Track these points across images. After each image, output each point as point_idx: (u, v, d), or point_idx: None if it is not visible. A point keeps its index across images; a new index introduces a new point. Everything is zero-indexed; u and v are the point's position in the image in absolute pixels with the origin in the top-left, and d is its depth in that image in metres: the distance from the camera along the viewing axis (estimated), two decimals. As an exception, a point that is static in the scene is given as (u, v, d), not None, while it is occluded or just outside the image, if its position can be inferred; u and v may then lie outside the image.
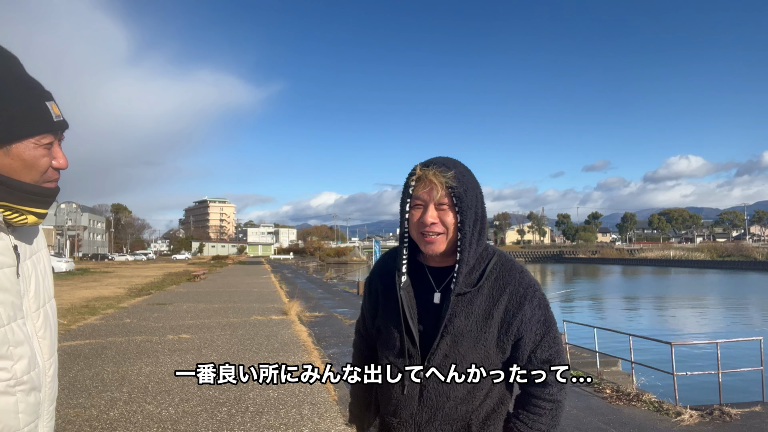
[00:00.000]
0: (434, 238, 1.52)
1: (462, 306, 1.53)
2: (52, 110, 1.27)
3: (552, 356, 1.57)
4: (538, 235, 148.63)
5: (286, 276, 38.92)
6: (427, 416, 1.54)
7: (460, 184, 1.50)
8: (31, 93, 1.24)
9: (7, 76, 1.21)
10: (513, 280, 1.57)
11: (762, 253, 78.45)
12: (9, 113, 1.19)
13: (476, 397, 1.55)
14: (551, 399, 1.57)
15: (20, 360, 1.28)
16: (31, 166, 1.24)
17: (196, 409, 5.64)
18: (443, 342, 1.52)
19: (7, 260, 1.27)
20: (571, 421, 6.21)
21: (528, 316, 1.55)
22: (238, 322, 12.59)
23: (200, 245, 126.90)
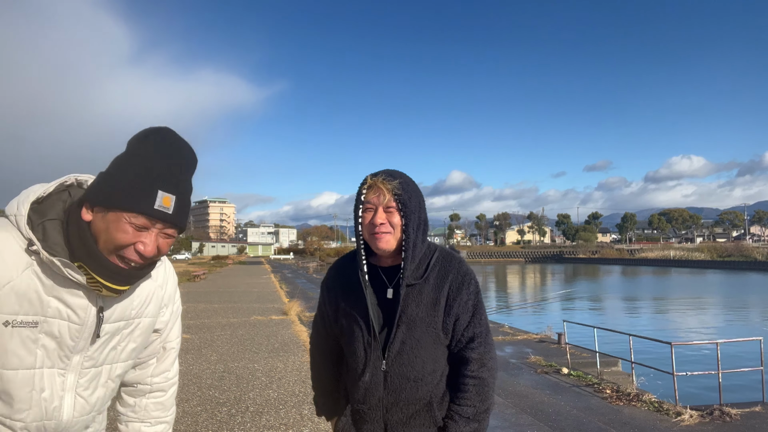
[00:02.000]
0: (383, 236, 1.72)
1: (413, 296, 1.74)
2: (161, 201, 1.29)
3: (475, 334, 1.76)
4: (538, 235, 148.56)
5: (286, 276, 38.93)
6: (392, 399, 1.74)
7: (404, 192, 1.73)
8: (151, 177, 1.29)
9: (146, 162, 1.30)
10: (453, 269, 1.79)
11: (762, 254, 78.41)
12: (121, 184, 1.28)
13: (434, 377, 1.77)
14: (473, 375, 1.74)
15: (36, 406, 1.32)
16: (111, 236, 1.28)
17: (196, 409, 5.64)
18: (399, 330, 1.73)
19: (74, 317, 1.33)
20: (571, 421, 6.21)
21: (464, 300, 1.76)
22: (238, 322, 12.60)
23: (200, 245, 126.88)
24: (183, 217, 1.36)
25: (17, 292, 1.27)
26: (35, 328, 1.29)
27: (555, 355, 10.56)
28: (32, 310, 1.29)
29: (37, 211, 1.33)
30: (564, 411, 6.63)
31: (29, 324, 1.29)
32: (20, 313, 1.28)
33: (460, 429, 1.72)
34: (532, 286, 49.65)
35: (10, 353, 1.28)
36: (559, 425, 6.04)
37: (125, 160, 1.31)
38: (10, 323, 1.26)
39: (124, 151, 1.34)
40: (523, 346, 11.67)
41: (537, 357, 10.15)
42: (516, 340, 12.35)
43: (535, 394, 7.46)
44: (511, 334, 13.15)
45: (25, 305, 1.28)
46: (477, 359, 1.75)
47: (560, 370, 9.02)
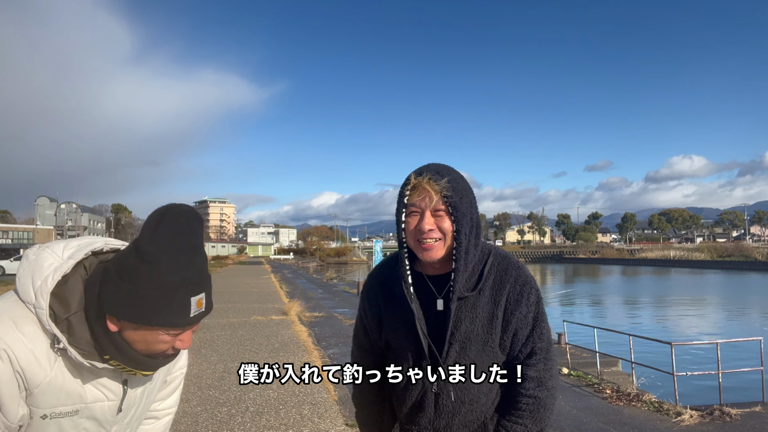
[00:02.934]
0: (432, 245, 1.51)
1: (466, 311, 1.54)
2: (195, 305, 1.25)
3: (535, 350, 1.57)
4: (538, 236, 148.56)
5: (286, 276, 38.92)
6: (444, 422, 1.57)
7: (455, 193, 1.50)
8: (179, 289, 1.22)
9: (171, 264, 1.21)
10: (510, 278, 1.58)
11: (762, 254, 78.36)
12: (151, 301, 1.20)
13: (489, 398, 1.59)
14: (529, 395, 1.54)
15: None
16: (150, 347, 1.27)
17: (196, 410, 5.64)
18: (452, 349, 1.54)
19: (111, 395, 1.34)
20: (571, 421, 6.21)
21: (524, 313, 1.56)
22: (238, 322, 12.60)
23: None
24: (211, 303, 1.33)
25: (54, 387, 1.25)
26: (75, 416, 1.30)
27: (555, 355, 10.56)
28: (71, 401, 1.28)
29: (59, 299, 1.25)
30: (564, 411, 6.63)
31: (69, 414, 1.28)
32: (59, 406, 1.27)
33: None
34: (532, 286, 49.57)
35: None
36: (559, 425, 6.03)
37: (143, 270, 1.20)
38: (48, 416, 1.26)
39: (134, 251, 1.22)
40: (523, 346, 11.67)
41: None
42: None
43: (535, 394, 7.47)
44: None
45: (63, 398, 1.27)
46: (535, 378, 1.56)
47: (560, 370, 9.02)
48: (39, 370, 1.22)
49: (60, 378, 1.25)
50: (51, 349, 1.24)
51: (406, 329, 1.58)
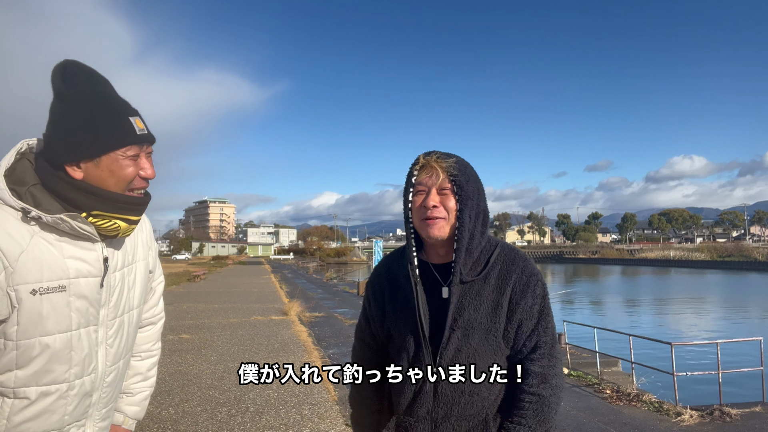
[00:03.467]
0: (435, 222, 1.51)
1: (470, 298, 1.52)
2: (136, 125, 1.38)
3: (539, 344, 1.53)
4: (538, 236, 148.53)
5: (286, 276, 38.91)
6: (443, 413, 1.52)
7: (461, 174, 1.53)
8: (117, 110, 1.37)
9: (96, 98, 1.35)
10: (517, 268, 1.56)
11: (762, 254, 78.32)
12: (97, 130, 1.33)
13: (492, 391, 1.53)
14: (531, 392, 1.49)
15: (77, 365, 1.39)
16: (118, 176, 1.37)
17: (196, 410, 5.64)
18: (453, 336, 1.50)
19: (93, 270, 1.40)
20: (571, 421, 6.21)
21: (529, 304, 1.54)
22: (238, 323, 12.60)
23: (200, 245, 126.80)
24: (152, 134, 1.44)
25: (33, 259, 1.30)
26: (64, 293, 1.34)
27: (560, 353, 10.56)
28: (55, 275, 1.33)
29: (13, 180, 1.34)
30: (564, 411, 6.63)
31: (57, 289, 1.33)
32: (44, 280, 1.31)
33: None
34: (532, 286, 49.54)
35: (44, 320, 1.32)
36: (559, 425, 6.03)
37: (80, 107, 1.32)
38: (37, 291, 1.30)
39: (62, 102, 1.33)
40: (523, 346, 11.67)
41: (537, 357, 10.15)
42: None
43: (535, 394, 7.47)
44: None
45: (46, 272, 1.31)
46: (539, 373, 1.50)
47: (560, 370, 9.02)
48: (14, 244, 1.27)
49: (38, 251, 1.30)
50: (24, 224, 1.30)
51: (408, 315, 1.56)
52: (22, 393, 1.33)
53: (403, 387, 1.57)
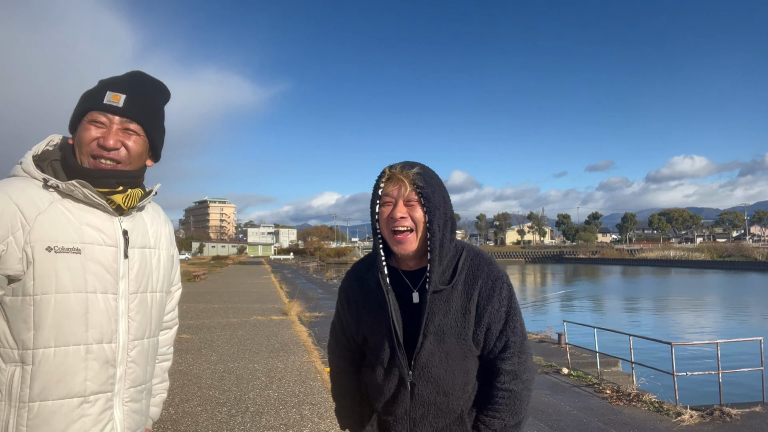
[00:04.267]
0: (404, 236, 1.57)
1: (440, 304, 1.59)
2: (110, 98, 1.47)
3: (508, 344, 1.61)
4: (538, 236, 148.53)
5: (286, 276, 38.93)
6: (420, 412, 1.61)
7: (427, 185, 1.57)
8: (102, 84, 1.51)
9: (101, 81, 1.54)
10: (482, 273, 1.62)
11: (762, 254, 78.33)
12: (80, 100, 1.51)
13: (465, 390, 1.62)
14: (504, 388, 1.58)
15: (95, 328, 1.43)
16: (80, 141, 1.47)
17: (196, 410, 5.64)
18: (426, 341, 1.57)
19: (109, 240, 1.48)
20: (571, 421, 6.21)
21: (496, 307, 1.61)
22: (238, 323, 12.60)
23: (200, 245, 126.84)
24: (137, 110, 1.50)
25: (50, 220, 1.40)
26: (79, 255, 1.42)
27: (555, 355, 10.57)
28: (71, 238, 1.41)
29: (39, 158, 1.50)
30: (564, 411, 6.63)
31: (72, 250, 1.41)
32: (59, 241, 1.39)
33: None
34: (532, 286, 49.63)
35: (59, 277, 1.39)
36: (559, 425, 6.04)
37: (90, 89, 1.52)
38: (52, 249, 1.38)
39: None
40: (523, 346, 11.66)
41: (537, 357, 10.15)
42: (516, 341, 12.34)
43: (535, 394, 7.46)
44: (511, 335, 13.15)
45: (61, 234, 1.40)
46: (510, 371, 1.60)
47: (560, 370, 9.02)
48: (32, 206, 1.39)
49: (55, 215, 1.41)
50: (45, 191, 1.43)
51: (383, 321, 1.61)
52: (41, 354, 1.38)
53: (381, 389, 1.65)
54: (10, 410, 1.37)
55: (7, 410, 1.37)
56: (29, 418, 1.37)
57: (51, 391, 1.38)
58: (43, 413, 1.38)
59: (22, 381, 1.37)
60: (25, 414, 1.37)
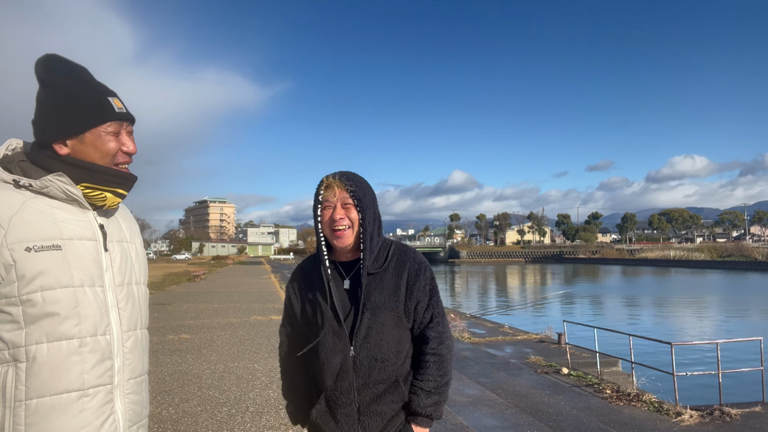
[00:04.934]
0: (343, 232, 1.88)
1: (375, 284, 1.89)
2: (115, 104, 1.54)
3: (434, 315, 1.94)
4: (538, 235, 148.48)
5: (286, 276, 38.92)
6: (362, 381, 1.86)
7: (359, 189, 1.90)
8: (97, 91, 1.53)
9: (77, 82, 1.52)
10: (410, 259, 1.96)
11: (762, 254, 78.28)
12: (80, 109, 1.49)
13: (399, 357, 1.90)
14: (433, 352, 1.90)
15: (87, 321, 1.44)
16: (102, 151, 1.50)
17: (196, 410, 5.64)
18: (364, 316, 1.85)
19: (88, 234, 1.50)
20: (571, 421, 6.21)
21: (422, 285, 1.94)
22: (238, 322, 12.60)
23: (200, 245, 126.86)
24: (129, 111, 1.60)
25: (25, 221, 1.39)
26: (61, 251, 1.42)
27: (555, 355, 10.56)
28: (49, 236, 1.41)
29: (5, 160, 1.49)
30: (564, 411, 6.64)
31: (52, 248, 1.41)
32: (38, 239, 1.40)
33: (422, 401, 1.87)
34: (532, 286, 49.64)
35: (43, 275, 1.39)
36: (559, 425, 6.04)
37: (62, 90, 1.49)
38: (31, 248, 1.38)
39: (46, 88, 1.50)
40: (523, 346, 11.67)
41: (537, 357, 10.15)
42: (516, 340, 12.35)
43: (535, 394, 7.46)
44: (511, 334, 13.15)
45: (39, 232, 1.40)
46: (436, 337, 1.91)
47: (560, 370, 9.02)
48: (4, 208, 1.38)
49: (29, 215, 1.41)
50: (15, 192, 1.42)
51: (324, 305, 1.89)
52: (34, 351, 1.38)
53: (326, 365, 1.89)
54: (5, 410, 1.37)
55: (2, 411, 1.37)
56: (27, 416, 1.37)
57: (48, 387, 1.38)
58: (41, 410, 1.38)
59: (16, 379, 1.37)
60: (21, 413, 1.36)
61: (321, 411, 1.91)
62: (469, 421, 6.01)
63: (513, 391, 7.57)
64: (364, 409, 1.86)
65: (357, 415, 1.86)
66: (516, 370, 9.10)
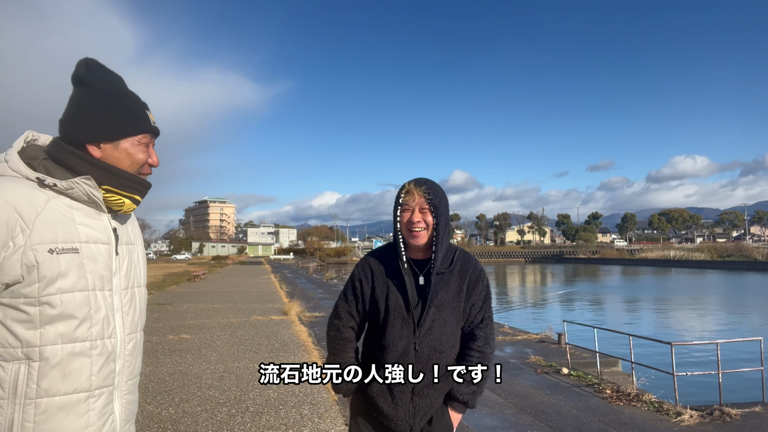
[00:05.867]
0: (419, 233, 2.12)
1: (442, 284, 2.15)
2: (150, 118, 1.62)
3: (485, 317, 2.23)
4: (538, 236, 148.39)
5: (286, 276, 38.92)
6: (420, 366, 2.11)
7: (435, 197, 2.14)
8: (136, 102, 1.60)
9: (119, 90, 1.58)
10: (471, 266, 2.23)
11: (762, 254, 78.20)
12: (120, 117, 1.55)
13: (453, 351, 2.19)
14: (478, 349, 2.18)
15: (97, 324, 1.49)
16: (132, 159, 1.57)
17: (196, 410, 5.64)
18: (430, 311, 2.11)
19: (102, 237, 1.54)
20: (571, 421, 6.21)
21: (480, 290, 2.22)
22: (238, 323, 12.60)
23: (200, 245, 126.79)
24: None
25: (48, 222, 1.42)
26: (78, 254, 1.46)
27: (555, 355, 10.56)
28: (69, 238, 1.45)
29: (26, 156, 1.50)
30: (564, 411, 6.64)
31: (71, 251, 1.45)
32: (59, 241, 1.43)
33: (463, 389, 2.15)
34: (532, 286, 49.62)
35: (63, 277, 1.43)
36: (559, 425, 6.04)
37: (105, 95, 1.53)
38: (54, 251, 1.42)
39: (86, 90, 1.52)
40: (523, 346, 11.67)
41: (537, 357, 10.15)
42: (516, 340, 12.34)
43: (535, 394, 7.46)
44: (511, 334, 13.15)
45: (60, 234, 1.44)
46: (483, 337, 2.20)
47: (560, 370, 9.02)
48: (30, 208, 1.40)
49: (51, 215, 1.43)
50: (39, 191, 1.44)
51: (398, 296, 2.14)
52: (48, 351, 1.41)
53: (394, 348, 2.12)
54: (15, 407, 1.39)
55: (12, 407, 1.39)
56: (36, 414, 1.39)
57: (59, 387, 1.42)
58: (50, 409, 1.41)
59: (28, 377, 1.40)
60: (31, 410, 1.39)
61: (379, 388, 2.13)
62: (469, 421, 6.01)
63: (513, 391, 7.57)
64: (418, 391, 2.11)
65: (411, 395, 2.11)
66: (516, 370, 9.10)
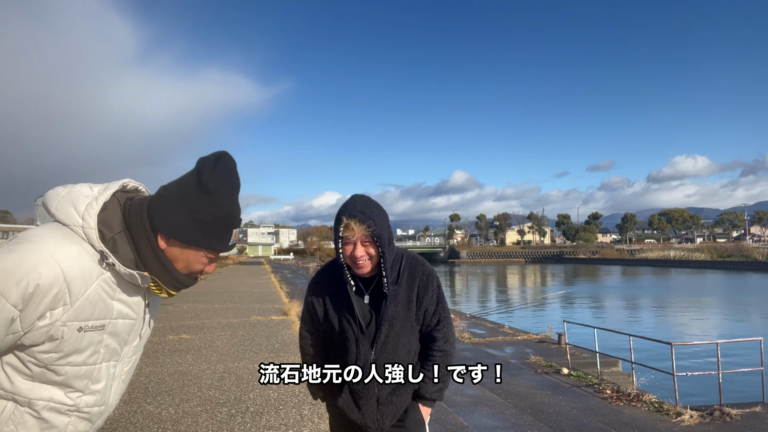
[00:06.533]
0: (363, 264, 2.13)
1: (391, 299, 2.19)
2: (233, 237, 1.55)
3: (440, 319, 2.29)
4: (538, 236, 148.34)
5: (286, 276, 38.92)
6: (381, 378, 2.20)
7: (376, 226, 2.08)
8: (230, 221, 1.52)
9: (226, 210, 1.50)
10: (419, 273, 2.26)
11: (762, 254, 78.17)
12: (209, 233, 1.49)
13: (410, 356, 2.28)
14: (439, 349, 2.28)
15: (90, 395, 1.49)
16: (189, 266, 1.53)
17: (196, 410, 5.64)
18: (383, 327, 2.18)
19: (131, 314, 1.53)
20: (571, 421, 6.21)
21: (430, 295, 2.26)
22: (238, 323, 12.60)
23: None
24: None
25: (90, 301, 1.40)
26: (102, 330, 1.45)
27: (555, 355, 10.56)
28: (101, 315, 1.44)
29: (103, 222, 1.44)
30: (564, 411, 6.63)
31: (98, 327, 1.44)
32: (91, 319, 1.42)
33: (430, 389, 2.26)
34: (532, 286, 49.62)
35: (79, 353, 1.42)
36: (559, 425, 6.04)
37: (207, 206, 1.46)
38: (83, 329, 1.40)
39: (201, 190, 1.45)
40: (523, 346, 11.66)
41: (537, 357, 10.15)
42: (516, 341, 12.34)
43: (535, 394, 7.46)
44: (511, 335, 13.15)
45: (95, 311, 1.42)
46: (442, 337, 2.29)
47: (560, 370, 9.02)
48: (81, 285, 1.37)
49: (96, 294, 1.41)
50: (97, 266, 1.41)
51: (348, 315, 2.20)
52: (36, 405, 1.40)
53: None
54: None
55: None
56: None
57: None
58: None
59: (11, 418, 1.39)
60: None
61: (346, 400, 2.25)
62: (469, 421, 6.01)
63: (513, 391, 7.57)
64: (382, 400, 2.21)
65: (376, 404, 2.21)
66: (516, 370, 9.10)
